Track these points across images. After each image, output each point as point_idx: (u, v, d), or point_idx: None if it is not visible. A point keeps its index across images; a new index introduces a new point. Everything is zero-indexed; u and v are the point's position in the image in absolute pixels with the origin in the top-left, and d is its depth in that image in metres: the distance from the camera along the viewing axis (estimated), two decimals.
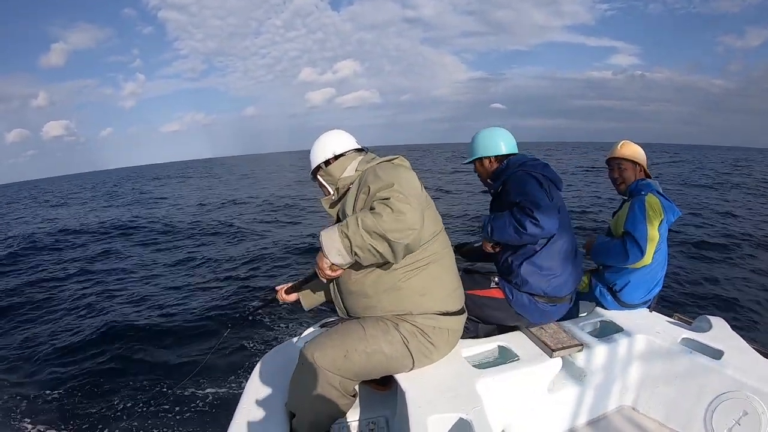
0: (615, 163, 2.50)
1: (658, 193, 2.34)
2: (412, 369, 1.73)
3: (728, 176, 24.67)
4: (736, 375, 1.85)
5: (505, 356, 1.98)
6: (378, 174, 1.60)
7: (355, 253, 1.48)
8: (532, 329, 2.08)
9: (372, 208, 1.48)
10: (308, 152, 1.86)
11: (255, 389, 1.98)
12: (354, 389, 1.74)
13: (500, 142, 2.26)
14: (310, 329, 2.25)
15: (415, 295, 1.68)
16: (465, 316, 1.87)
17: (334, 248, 1.49)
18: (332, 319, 2.22)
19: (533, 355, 1.92)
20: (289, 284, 2.14)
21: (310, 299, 2.19)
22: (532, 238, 1.92)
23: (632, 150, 2.47)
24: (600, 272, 2.48)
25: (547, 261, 2.04)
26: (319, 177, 1.85)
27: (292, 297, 2.18)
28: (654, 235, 2.21)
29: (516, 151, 2.26)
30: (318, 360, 1.63)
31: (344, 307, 1.84)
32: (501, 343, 2.03)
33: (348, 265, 1.57)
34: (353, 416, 2.01)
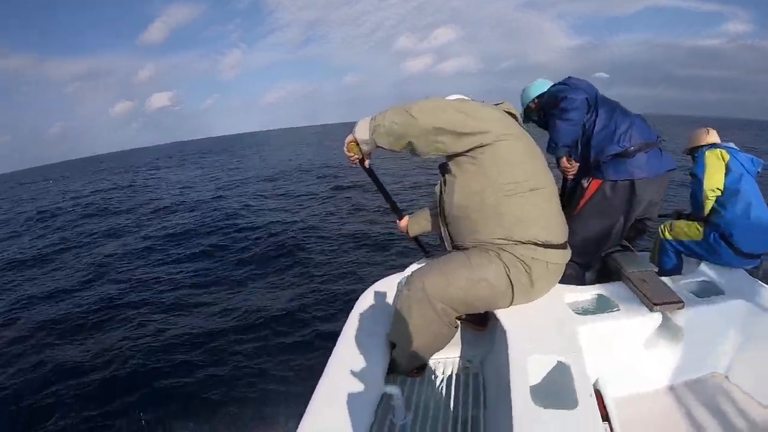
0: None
1: (728, 147, 2.45)
2: (511, 304, 1.78)
3: None
4: None
5: (605, 306, 1.97)
6: None
7: (373, 129, 1.72)
8: (635, 281, 2.04)
9: None
10: None
11: (356, 322, 2.06)
12: (455, 321, 1.80)
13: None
14: (412, 265, 2.31)
15: (516, 220, 1.71)
16: (568, 253, 1.86)
17: (361, 125, 1.77)
18: (435, 255, 2.33)
19: (634, 308, 1.88)
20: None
21: (415, 227, 2.40)
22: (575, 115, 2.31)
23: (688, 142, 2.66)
24: (712, 220, 2.41)
25: (604, 127, 2.32)
26: None
27: (404, 223, 2.43)
28: (716, 181, 2.36)
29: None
30: (426, 286, 1.71)
31: (449, 234, 1.92)
32: (602, 292, 2.02)
33: (365, 145, 1.79)
34: (450, 353, 2.10)
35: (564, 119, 2.30)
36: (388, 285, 2.28)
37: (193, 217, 12.29)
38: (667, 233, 2.66)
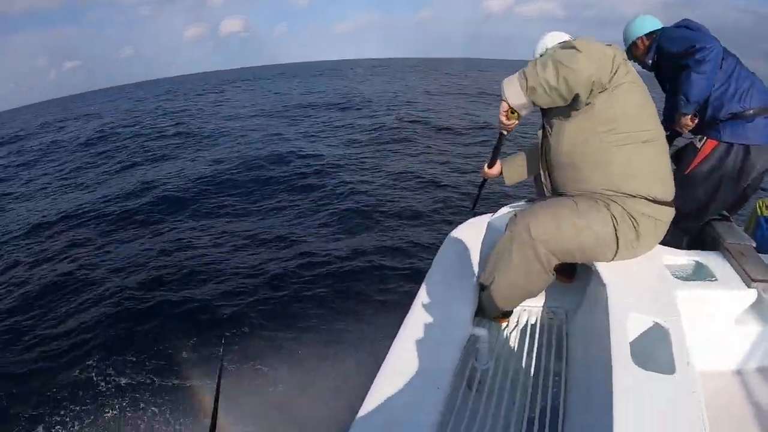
0: None
1: None
2: (612, 259, 1.71)
3: None
4: None
5: (702, 274, 1.91)
6: None
7: (530, 89, 1.55)
8: (734, 252, 1.96)
9: None
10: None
11: (443, 262, 2.05)
12: (553, 270, 1.74)
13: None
14: (504, 209, 2.25)
15: (625, 172, 1.64)
16: (674, 211, 1.79)
17: (511, 90, 1.59)
18: (533, 198, 2.22)
19: (731, 280, 1.81)
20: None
21: (512, 173, 2.19)
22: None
23: None
24: None
25: (725, 82, 2.18)
26: None
27: (495, 170, 2.19)
28: None
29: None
30: (531, 228, 1.65)
31: (551, 181, 1.87)
32: (699, 259, 1.95)
33: (524, 110, 1.63)
34: (535, 302, 2.09)
35: (700, 72, 2.10)
36: (477, 225, 2.24)
37: (259, 144, 12.44)
38: (765, 210, 2.53)
